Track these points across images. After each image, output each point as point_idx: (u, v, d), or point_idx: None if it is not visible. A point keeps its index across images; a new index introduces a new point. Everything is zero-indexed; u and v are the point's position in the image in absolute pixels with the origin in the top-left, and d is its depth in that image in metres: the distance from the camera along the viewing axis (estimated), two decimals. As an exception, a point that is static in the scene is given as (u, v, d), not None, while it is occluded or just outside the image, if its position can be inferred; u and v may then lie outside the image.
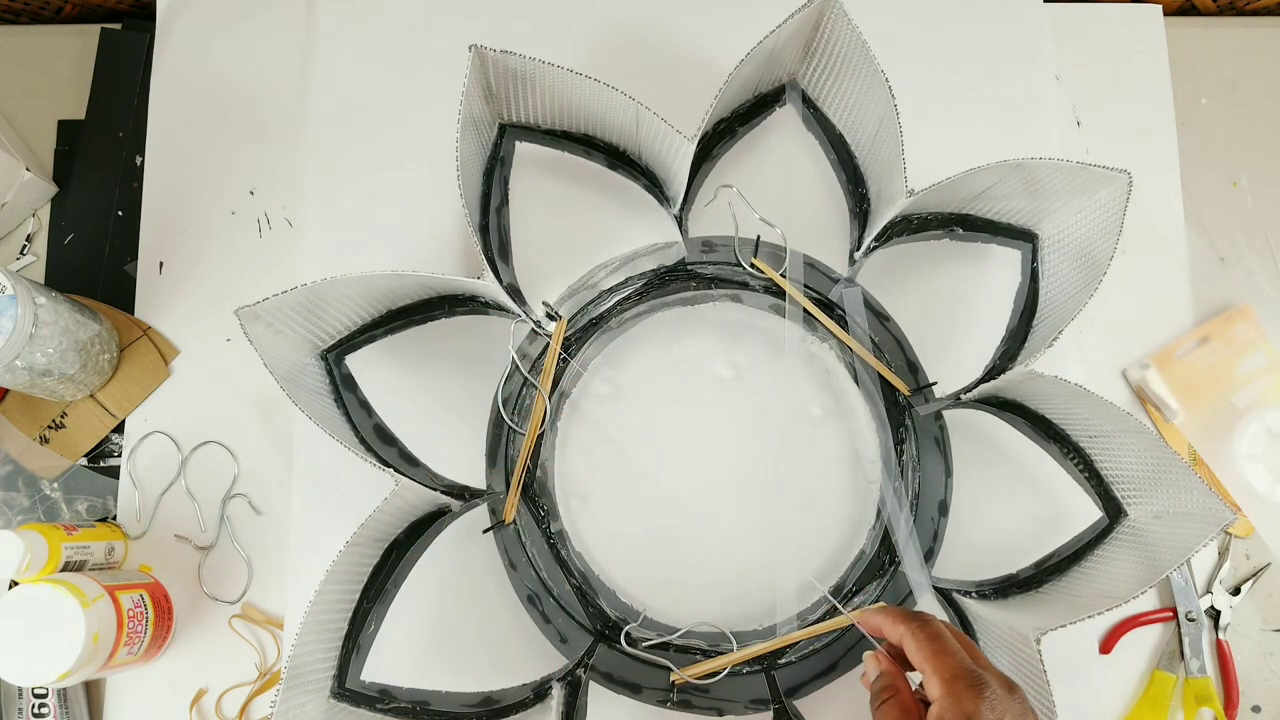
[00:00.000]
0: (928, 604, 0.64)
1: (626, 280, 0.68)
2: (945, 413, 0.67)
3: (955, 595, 0.63)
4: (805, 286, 0.68)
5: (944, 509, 0.66)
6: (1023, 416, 0.64)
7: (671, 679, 0.62)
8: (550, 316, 0.67)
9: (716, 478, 0.66)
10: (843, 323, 0.67)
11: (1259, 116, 0.74)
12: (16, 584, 0.57)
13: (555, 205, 0.69)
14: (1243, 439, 0.68)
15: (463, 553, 0.65)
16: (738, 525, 0.66)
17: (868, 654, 0.54)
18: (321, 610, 0.56)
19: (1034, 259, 0.67)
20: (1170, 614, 0.66)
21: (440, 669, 0.63)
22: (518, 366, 0.66)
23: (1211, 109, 0.74)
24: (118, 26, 0.74)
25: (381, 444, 0.65)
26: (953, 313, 0.68)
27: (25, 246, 0.72)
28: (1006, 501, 0.66)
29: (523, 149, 0.68)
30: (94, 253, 0.71)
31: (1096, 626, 0.66)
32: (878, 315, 0.68)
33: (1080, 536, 0.64)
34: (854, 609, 0.64)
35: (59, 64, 0.74)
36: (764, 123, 0.70)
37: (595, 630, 0.64)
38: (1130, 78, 0.73)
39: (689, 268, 0.68)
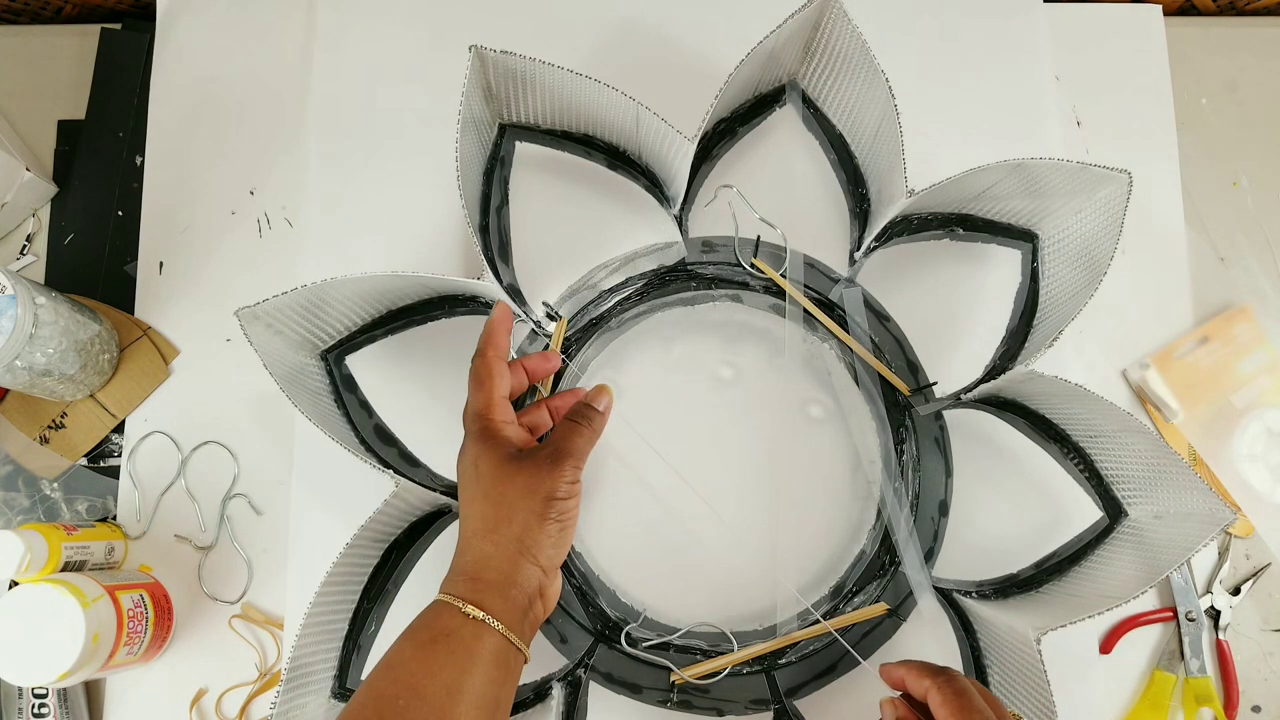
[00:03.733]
0: (928, 604, 0.64)
1: (626, 280, 0.68)
2: (945, 413, 0.67)
3: (955, 595, 0.63)
4: (805, 286, 0.68)
5: (944, 509, 0.66)
6: (1023, 416, 0.64)
7: (672, 679, 0.62)
8: (550, 317, 0.67)
9: (717, 478, 0.66)
10: (843, 323, 0.67)
11: (1259, 116, 0.74)
12: (16, 584, 0.57)
13: (555, 205, 0.69)
14: (1243, 439, 0.68)
15: (463, 553, 0.65)
16: (738, 525, 0.66)
17: (884, 700, 0.52)
18: (322, 611, 0.56)
19: (1034, 259, 0.67)
20: (1170, 614, 0.66)
21: (440, 669, 0.63)
22: (518, 366, 0.66)
23: (1211, 109, 0.74)
24: (118, 26, 0.74)
25: (382, 444, 0.65)
26: (953, 313, 0.68)
27: (25, 246, 0.72)
28: (1007, 501, 0.66)
29: (523, 149, 0.68)
30: (94, 253, 0.71)
31: (1096, 626, 0.66)
32: (878, 315, 0.68)
33: (1081, 536, 0.64)
34: (854, 609, 0.64)
35: (59, 64, 0.74)
36: (764, 123, 0.70)
37: (595, 630, 0.64)
38: (1130, 78, 0.73)
39: (689, 268, 0.68)
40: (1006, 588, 0.64)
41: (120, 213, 0.72)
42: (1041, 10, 0.73)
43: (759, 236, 0.68)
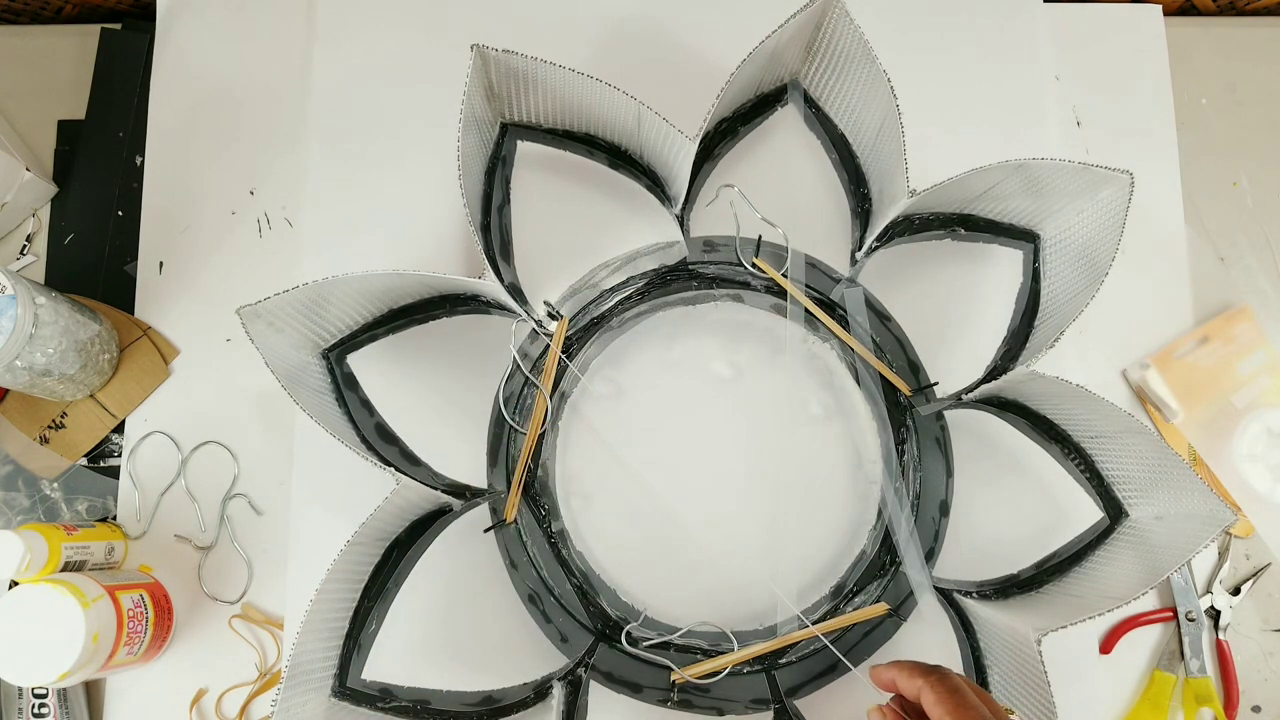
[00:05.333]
0: (928, 604, 0.64)
1: (628, 280, 0.68)
2: (946, 413, 0.67)
3: (956, 595, 0.63)
4: (807, 286, 0.68)
5: (945, 509, 0.66)
6: (1024, 417, 0.64)
7: (672, 678, 0.62)
8: (552, 316, 0.67)
9: (717, 477, 0.66)
10: (844, 322, 0.67)
11: (1259, 116, 0.74)
12: (16, 584, 0.57)
13: (557, 205, 0.69)
14: (1243, 439, 0.68)
15: (464, 552, 0.65)
16: (739, 525, 0.66)
17: (873, 709, 0.52)
18: (323, 609, 0.56)
19: (1035, 259, 0.67)
20: (1170, 614, 0.66)
21: (441, 668, 0.63)
22: (519, 366, 0.66)
23: (1211, 109, 0.74)
24: (118, 26, 0.74)
25: (383, 443, 0.65)
26: (954, 313, 0.68)
27: (25, 246, 0.72)
28: (1007, 502, 0.66)
29: (524, 148, 0.68)
30: (94, 253, 0.71)
31: (1097, 627, 0.66)
32: (879, 315, 0.68)
33: (1081, 537, 0.64)
34: (855, 609, 0.64)
35: (59, 64, 0.74)
36: (766, 122, 0.70)
37: (596, 629, 0.64)
38: (1130, 78, 0.73)
39: (690, 267, 0.68)
40: (1007, 588, 0.64)
41: (120, 213, 0.72)
42: (1041, 10, 0.73)
43: (760, 236, 0.68)
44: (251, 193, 0.71)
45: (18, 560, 0.57)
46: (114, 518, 0.67)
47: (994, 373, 0.65)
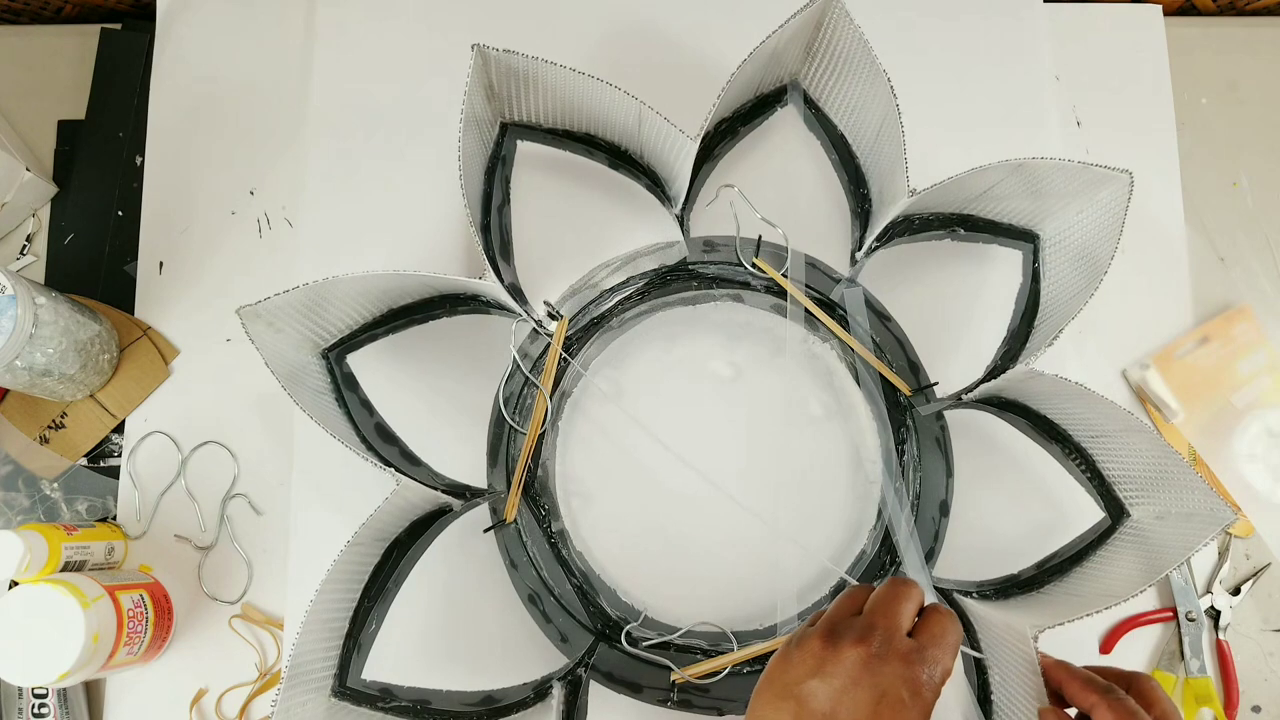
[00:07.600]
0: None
1: (628, 280, 0.68)
2: (946, 413, 0.67)
3: (956, 595, 0.63)
4: (807, 286, 0.68)
5: (945, 509, 0.66)
6: (1024, 416, 0.64)
7: (672, 678, 0.62)
8: (552, 316, 0.67)
9: (717, 478, 0.66)
10: (844, 323, 0.67)
11: (1259, 116, 0.74)
12: (16, 584, 0.57)
13: (557, 204, 0.69)
14: (1243, 439, 0.68)
15: (464, 552, 0.65)
16: (738, 525, 0.66)
17: (1045, 710, 0.50)
18: (323, 609, 0.56)
19: (1035, 259, 0.67)
20: (1170, 614, 0.66)
21: (441, 668, 0.63)
22: (519, 366, 0.66)
23: (1211, 109, 0.74)
24: (118, 26, 0.74)
25: (383, 443, 0.65)
26: (954, 313, 0.68)
27: (25, 246, 0.72)
28: (1008, 502, 0.66)
29: (524, 148, 0.68)
30: (94, 253, 0.71)
31: (1097, 626, 0.66)
32: (879, 315, 0.68)
33: (1082, 537, 0.64)
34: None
35: (59, 64, 0.74)
36: (766, 122, 0.70)
37: (596, 629, 0.64)
38: (1130, 78, 0.73)
39: (690, 267, 0.68)
40: (1007, 588, 0.64)
41: (120, 213, 0.72)
42: (1041, 10, 0.73)
43: (760, 236, 0.68)
44: (251, 193, 0.71)
45: (18, 560, 0.57)
46: (114, 518, 0.67)
47: (994, 372, 0.65)
